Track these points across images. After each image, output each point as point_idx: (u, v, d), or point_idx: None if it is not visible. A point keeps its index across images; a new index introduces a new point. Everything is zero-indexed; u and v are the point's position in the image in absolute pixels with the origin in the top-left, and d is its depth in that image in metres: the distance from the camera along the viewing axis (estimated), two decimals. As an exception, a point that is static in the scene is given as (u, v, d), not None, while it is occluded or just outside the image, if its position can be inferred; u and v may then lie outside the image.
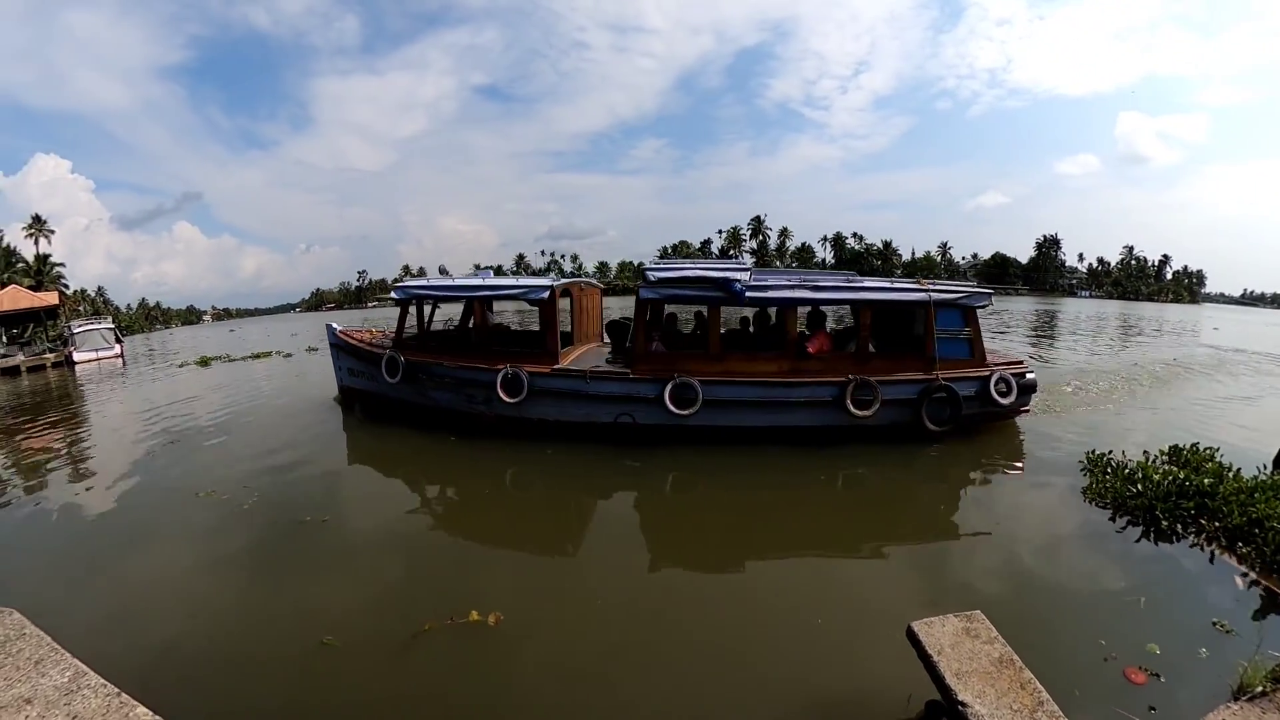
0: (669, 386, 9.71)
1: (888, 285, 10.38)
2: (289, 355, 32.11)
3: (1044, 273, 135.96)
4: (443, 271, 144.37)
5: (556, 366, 10.55)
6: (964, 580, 5.85)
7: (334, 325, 14.85)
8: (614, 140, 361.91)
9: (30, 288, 51.86)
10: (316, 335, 40.23)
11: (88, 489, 10.55)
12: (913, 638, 3.64)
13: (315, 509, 8.44)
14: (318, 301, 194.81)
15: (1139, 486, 7.08)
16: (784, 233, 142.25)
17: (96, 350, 39.06)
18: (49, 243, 72.28)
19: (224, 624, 5.65)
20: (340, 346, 14.16)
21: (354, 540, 7.60)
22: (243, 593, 6.30)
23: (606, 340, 13.72)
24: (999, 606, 4.53)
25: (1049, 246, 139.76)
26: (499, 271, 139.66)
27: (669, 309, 11.61)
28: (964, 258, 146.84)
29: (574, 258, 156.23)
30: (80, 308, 72.46)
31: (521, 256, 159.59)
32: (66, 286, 70.77)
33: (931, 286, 10.23)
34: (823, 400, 9.74)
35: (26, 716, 2.85)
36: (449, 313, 15.88)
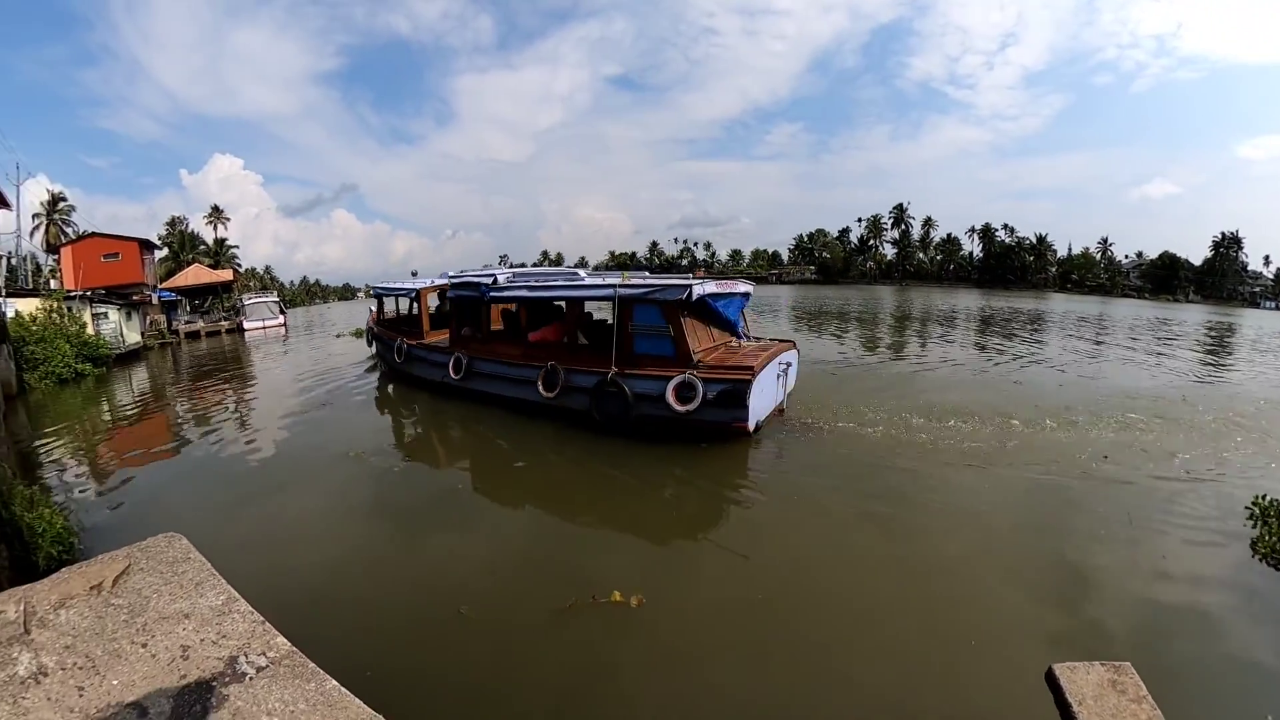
0: (452, 358, 12.79)
1: (585, 284, 11.52)
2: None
3: (1220, 277, 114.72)
4: (582, 263, 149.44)
5: (420, 341, 14.81)
6: (1109, 625, 5.10)
7: (371, 308, 20.84)
8: (747, 126, 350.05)
9: (209, 267, 58.28)
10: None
11: (251, 439, 11.78)
12: (1052, 682, 3.25)
13: (463, 478, 8.89)
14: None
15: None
16: (928, 222, 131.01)
17: (263, 320, 43.97)
18: (225, 228, 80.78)
19: (364, 579, 6.01)
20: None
21: (495, 513, 7.83)
22: (384, 552, 6.65)
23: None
24: (1148, 661, 3.98)
25: (1227, 246, 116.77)
26: (632, 258, 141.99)
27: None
28: (1127, 256, 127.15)
29: (707, 245, 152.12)
30: (251, 283, 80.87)
31: (655, 244, 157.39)
32: (239, 265, 78.90)
33: (626, 281, 10.34)
34: (531, 380, 11.03)
35: (184, 628, 3.13)
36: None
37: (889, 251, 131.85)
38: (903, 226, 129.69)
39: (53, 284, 40.97)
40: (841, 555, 6.36)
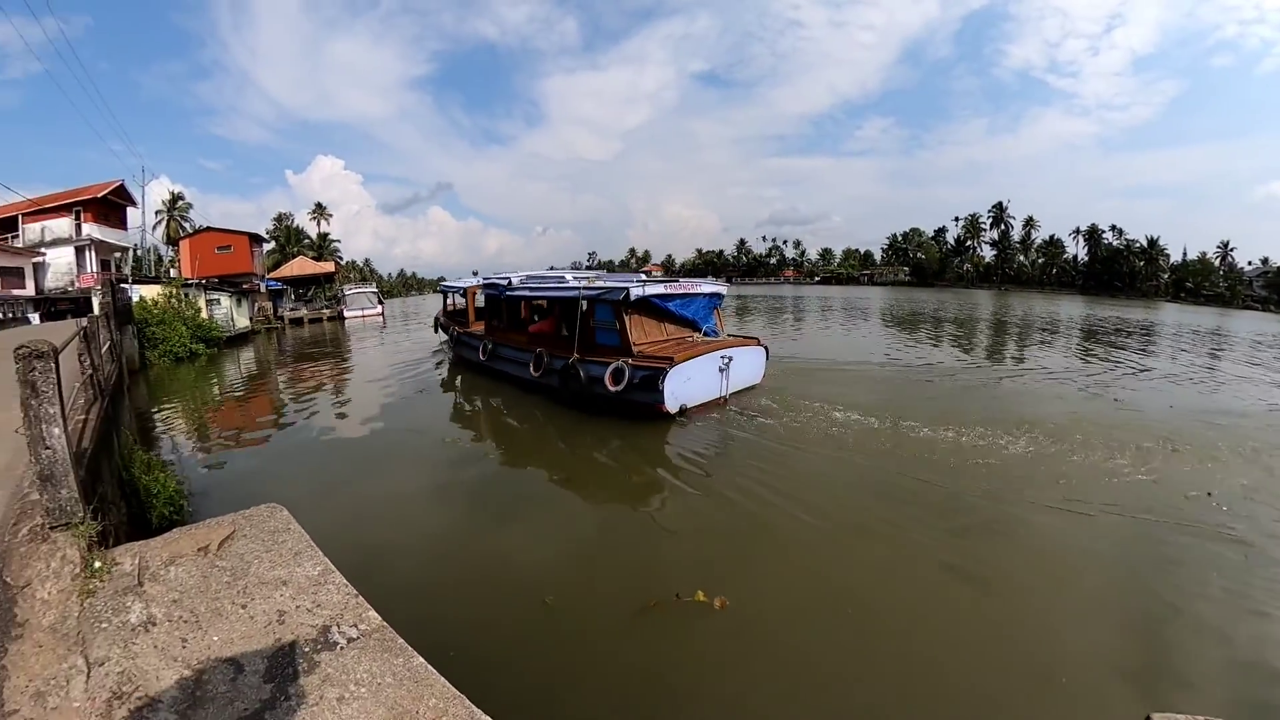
0: (482, 343, 15.77)
1: (563, 285, 13.47)
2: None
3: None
4: (669, 262, 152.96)
5: (466, 329, 18.05)
6: (1209, 677, 4.50)
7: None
8: (837, 121, 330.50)
9: (313, 259, 61.92)
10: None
11: (346, 419, 12.40)
12: (1148, 731, 2.92)
13: (556, 470, 8.84)
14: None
15: None
16: (1029, 223, 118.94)
17: (362, 309, 46.40)
18: (328, 224, 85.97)
19: (453, 562, 6.13)
20: None
21: (587, 508, 7.73)
22: (473, 537, 6.74)
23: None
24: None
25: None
26: (719, 256, 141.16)
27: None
28: (1250, 262, 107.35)
29: (796, 243, 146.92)
30: (351, 275, 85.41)
31: (743, 242, 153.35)
32: (341, 258, 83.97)
33: (589, 285, 12.51)
34: (526, 362, 13.45)
35: (281, 595, 3.24)
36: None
37: (987, 253, 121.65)
38: (1002, 226, 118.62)
39: (172, 273, 44.30)
40: (914, 581, 5.84)
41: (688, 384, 10.83)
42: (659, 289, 12.06)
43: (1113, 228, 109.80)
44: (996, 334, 29.90)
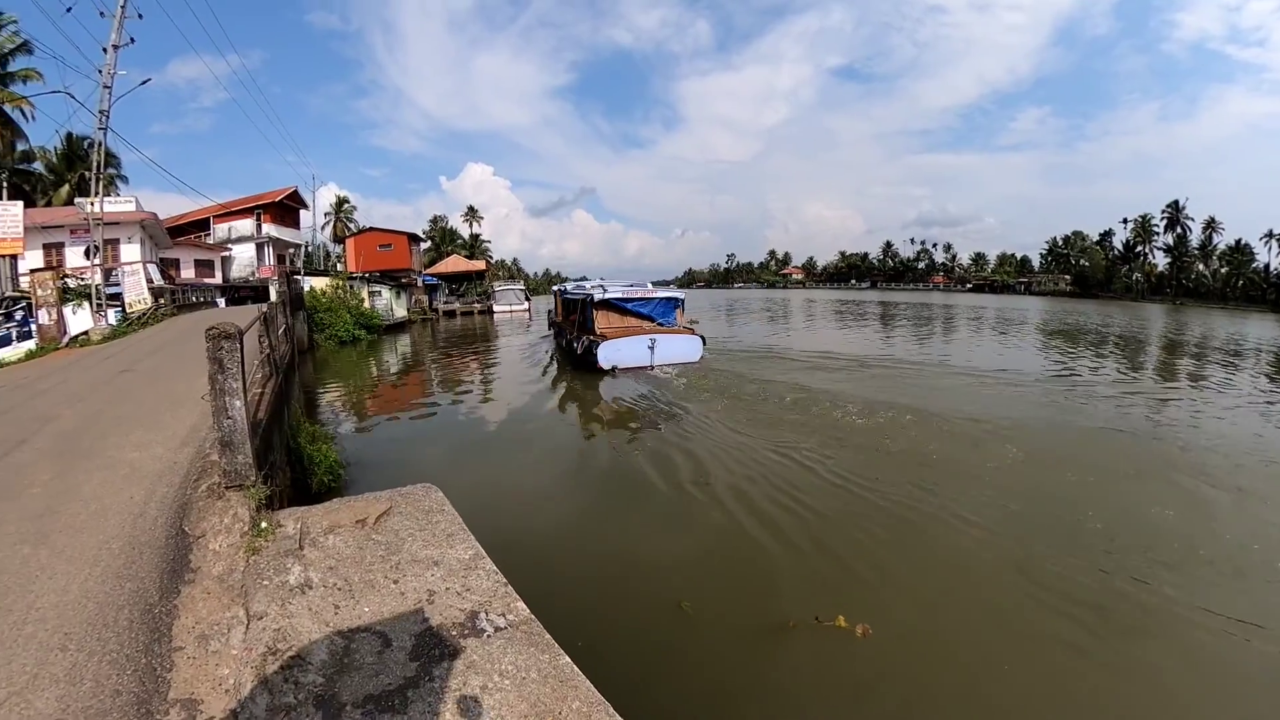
0: (556, 328, 22.80)
1: (580, 290, 19.01)
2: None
3: None
4: (810, 264, 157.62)
5: (554, 321, 24.37)
6: None
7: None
8: (987, 112, 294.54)
9: (465, 257, 66.19)
10: (691, 307, 43.40)
11: (491, 406, 13.09)
12: None
13: (698, 473, 8.32)
14: (689, 280, 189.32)
15: None
16: (1210, 225, 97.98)
17: (510, 305, 48.69)
18: (479, 226, 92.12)
19: (591, 555, 6.03)
20: None
21: (724, 513, 7.09)
22: (613, 532, 6.63)
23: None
24: None
25: None
26: (864, 259, 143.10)
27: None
28: None
29: (947, 247, 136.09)
30: (500, 273, 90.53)
31: (889, 244, 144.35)
32: (491, 257, 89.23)
33: (587, 291, 17.73)
34: (563, 337, 19.60)
35: (432, 575, 3.21)
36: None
37: (1160, 261, 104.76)
38: (1178, 229, 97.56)
39: (339, 267, 48.64)
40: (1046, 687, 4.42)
41: (618, 353, 15.88)
42: (617, 294, 17.42)
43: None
44: (1168, 354, 25.31)
